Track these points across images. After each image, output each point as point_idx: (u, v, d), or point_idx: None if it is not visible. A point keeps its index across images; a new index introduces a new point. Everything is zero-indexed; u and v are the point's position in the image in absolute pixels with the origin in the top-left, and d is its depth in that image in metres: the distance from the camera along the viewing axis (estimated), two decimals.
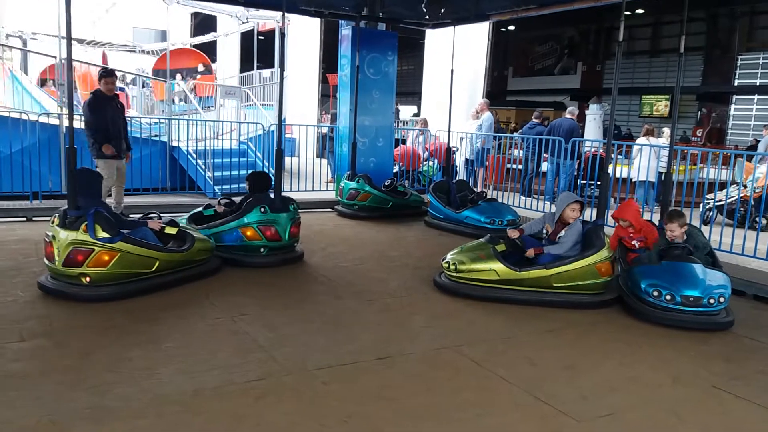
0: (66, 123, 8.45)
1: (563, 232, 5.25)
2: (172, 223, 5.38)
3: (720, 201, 8.05)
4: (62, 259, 4.54)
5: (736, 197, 7.89)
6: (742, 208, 7.84)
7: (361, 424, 3.00)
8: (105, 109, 7.03)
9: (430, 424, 3.03)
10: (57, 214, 4.74)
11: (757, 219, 7.36)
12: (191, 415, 3.00)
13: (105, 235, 4.58)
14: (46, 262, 4.71)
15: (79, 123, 6.92)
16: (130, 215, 5.66)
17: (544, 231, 5.45)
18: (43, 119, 8.40)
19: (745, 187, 7.90)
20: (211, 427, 2.90)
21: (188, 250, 5.21)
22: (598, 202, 5.59)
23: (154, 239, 5.09)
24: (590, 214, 8.11)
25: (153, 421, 2.92)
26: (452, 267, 5.17)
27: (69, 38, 4.75)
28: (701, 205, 8.08)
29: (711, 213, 8.04)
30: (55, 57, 9.66)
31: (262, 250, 5.83)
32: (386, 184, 9.05)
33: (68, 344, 3.79)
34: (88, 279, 4.59)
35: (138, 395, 3.15)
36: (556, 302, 4.99)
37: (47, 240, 4.68)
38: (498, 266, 5.03)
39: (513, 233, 5.40)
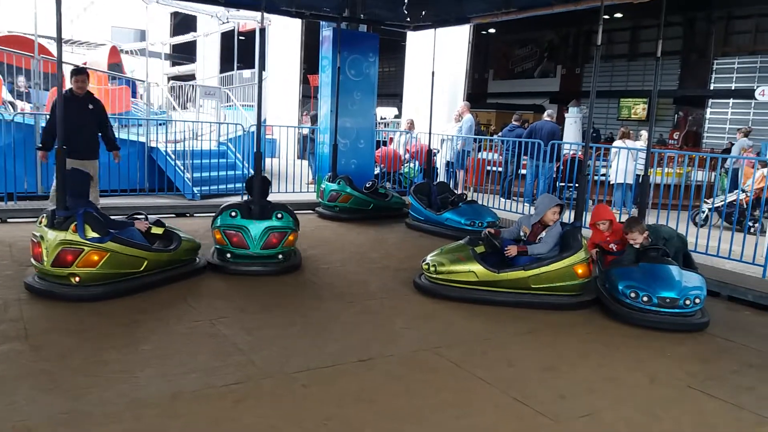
0: (42, 123, 8.38)
1: (544, 233, 5.30)
2: (159, 223, 5.39)
3: (718, 204, 8.09)
4: (51, 259, 4.52)
5: (736, 200, 7.93)
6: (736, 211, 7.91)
7: (340, 427, 2.99)
8: (70, 108, 6.72)
9: (409, 426, 3.04)
10: (45, 215, 4.72)
11: (751, 222, 7.50)
12: (169, 419, 2.97)
13: (95, 235, 4.59)
14: (34, 262, 4.69)
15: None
16: (110, 216, 5.58)
17: (521, 233, 5.50)
18: (18, 119, 8.27)
19: (744, 191, 7.97)
20: (189, 431, 2.87)
21: (175, 249, 5.22)
22: (576, 204, 5.65)
23: (141, 239, 5.09)
24: (568, 216, 8.19)
25: (130, 425, 2.89)
26: (432, 269, 5.20)
27: (59, 39, 4.73)
28: (690, 207, 8.15)
29: (702, 215, 8.14)
30: (33, 56, 9.50)
31: (228, 255, 5.68)
32: (367, 185, 9.05)
33: (43, 348, 3.74)
34: (77, 279, 4.58)
35: (115, 399, 3.12)
36: (534, 303, 5.04)
37: (35, 240, 4.65)
38: (477, 268, 5.08)
39: (490, 230, 5.50)
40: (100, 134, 7.02)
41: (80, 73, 6.88)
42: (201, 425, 2.93)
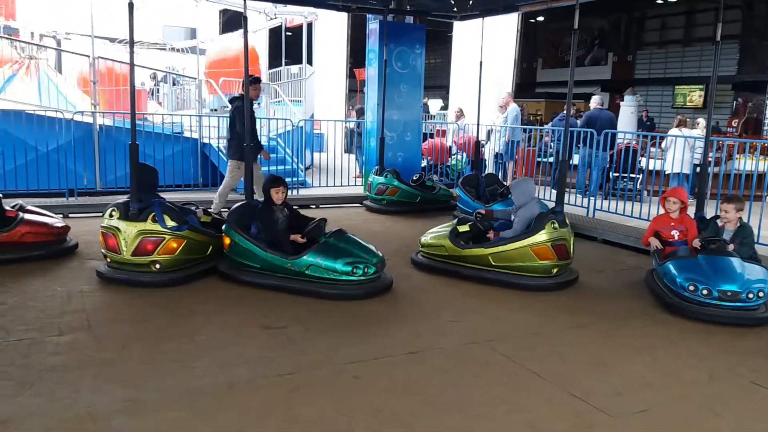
0: (100, 121, 8.70)
1: (513, 216, 5.62)
2: (205, 212, 5.77)
3: None
4: (132, 249, 4.84)
5: None
6: None
7: (390, 419, 3.00)
8: (252, 113, 7.30)
9: (460, 419, 3.02)
10: (115, 208, 4.98)
11: None
12: (224, 407, 3.04)
13: (173, 223, 4.93)
14: (110, 253, 4.95)
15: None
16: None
17: (512, 216, 5.73)
18: (78, 118, 8.58)
19: None
20: (242, 420, 2.93)
21: None
22: (557, 190, 5.77)
23: (200, 226, 5.37)
24: (618, 206, 7.99)
25: (186, 413, 2.97)
26: (420, 242, 5.84)
27: (131, 42, 5.00)
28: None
29: None
30: (88, 56, 9.83)
31: None
32: (414, 178, 9.03)
33: (104, 338, 3.88)
34: (158, 266, 4.92)
35: (173, 388, 3.21)
36: (498, 281, 5.27)
37: (108, 233, 4.93)
38: (446, 242, 5.52)
39: (480, 211, 5.99)
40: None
41: (258, 81, 7.64)
42: (255, 413, 2.99)
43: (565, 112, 10.95)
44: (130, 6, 4.89)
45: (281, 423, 2.92)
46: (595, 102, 10.53)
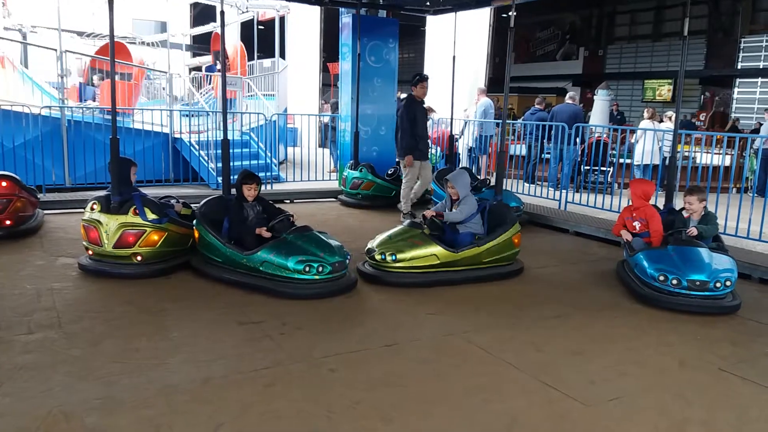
0: (69, 116, 8.51)
1: (456, 206, 5.58)
2: (186, 205, 5.76)
3: None
4: (113, 241, 4.89)
5: None
6: None
7: (368, 411, 3.01)
8: (421, 112, 7.50)
9: (438, 410, 3.04)
10: (96, 201, 5.03)
11: None
12: (200, 403, 3.01)
13: (154, 216, 4.97)
14: (92, 245, 4.98)
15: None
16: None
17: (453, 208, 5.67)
18: (45, 112, 8.39)
19: None
20: (219, 415, 2.91)
21: None
22: (495, 181, 5.92)
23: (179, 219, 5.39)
24: (589, 198, 8.10)
25: (162, 410, 2.94)
26: (389, 258, 5.01)
27: (112, 38, 4.99)
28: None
29: None
30: (55, 50, 9.61)
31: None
32: (389, 172, 9.03)
33: (75, 336, 3.81)
34: (139, 258, 4.97)
35: (147, 385, 3.17)
36: (484, 277, 5.27)
37: (89, 226, 4.96)
38: (438, 249, 5.09)
39: (429, 213, 5.57)
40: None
41: (426, 79, 7.58)
42: (231, 409, 2.97)
43: (536, 105, 11.14)
44: (110, 2, 4.86)
45: (260, 417, 2.91)
46: (567, 97, 10.67)
